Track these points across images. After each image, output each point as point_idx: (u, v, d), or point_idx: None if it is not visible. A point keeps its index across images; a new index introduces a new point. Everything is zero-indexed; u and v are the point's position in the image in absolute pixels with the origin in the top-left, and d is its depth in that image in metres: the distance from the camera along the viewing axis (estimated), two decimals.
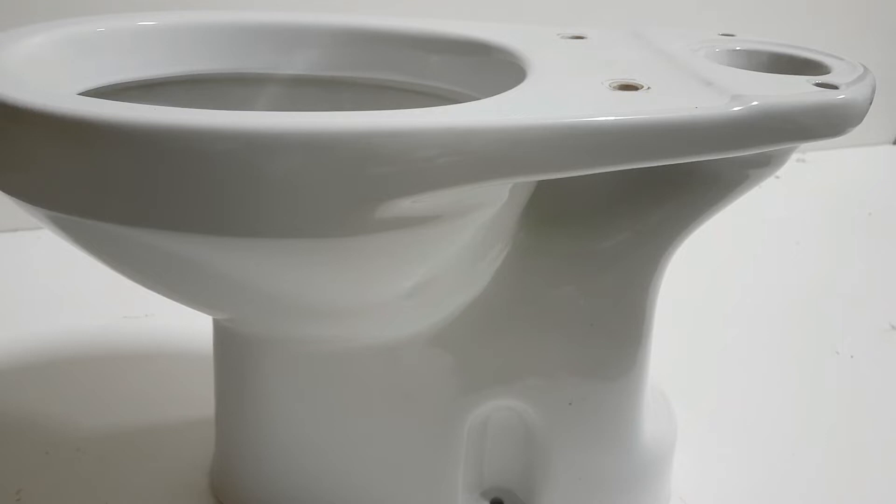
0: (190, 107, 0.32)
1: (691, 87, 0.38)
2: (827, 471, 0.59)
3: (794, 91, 0.38)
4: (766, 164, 0.43)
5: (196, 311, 0.43)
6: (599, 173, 0.37)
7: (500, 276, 0.46)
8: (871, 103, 0.39)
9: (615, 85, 0.39)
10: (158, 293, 0.40)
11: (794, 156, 1.22)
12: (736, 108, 0.36)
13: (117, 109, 0.31)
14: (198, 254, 0.34)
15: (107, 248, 0.36)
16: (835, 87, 0.38)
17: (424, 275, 0.40)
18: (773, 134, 0.37)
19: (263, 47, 0.50)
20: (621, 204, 0.45)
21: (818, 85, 0.39)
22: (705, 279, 0.87)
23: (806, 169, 1.22)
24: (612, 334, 0.46)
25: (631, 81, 0.39)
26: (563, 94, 0.38)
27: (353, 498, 0.49)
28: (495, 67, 0.46)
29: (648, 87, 0.38)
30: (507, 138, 0.33)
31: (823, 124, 0.37)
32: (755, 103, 0.36)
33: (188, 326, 0.68)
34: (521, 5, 1.01)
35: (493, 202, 0.38)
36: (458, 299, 0.45)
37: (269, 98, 0.51)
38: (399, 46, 0.50)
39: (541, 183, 0.44)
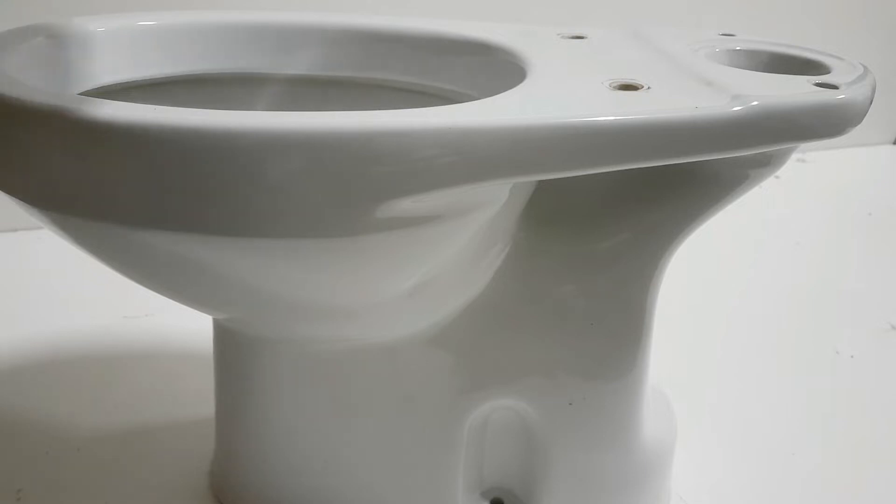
0: (190, 107, 0.32)
1: (691, 87, 0.38)
2: (827, 471, 0.59)
3: (794, 91, 0.38)
4: (766, 164, 0.43)
5: (196, 311, 0.43)
6: (599, 173, 0.37)
7: (499, 275, 0.46)
8: (871, 103, 0.39)
9: (615, 85, 0.39)
10: (158, 293, 0.40)
11: (794, 156, 1.22)
12: (736, 108, 0.36)
13: (117, 109, 0.31)
14: (197, 254, 0.34)
15: (107, 248, 0.36)
16: (835, 87, 0.38)
17: (424, 275, 0.40)
18: (773, 134, 0.37)
19: (263, 47, 0.50)
20: (621, 204, 0.45)
21: (818, 85, 0.39)
22: (705, 279, 0.87)
23: (806, 169, 1.22)
24: (612, 334, 0.46)
25: (631, 81, 0.39)
26: (564, 94, 0.38)
27: (352, 498, 0.49)
28: (495, 67, 0.46)
29: (648, 87, 0.38)
30: (507, 138, 0.33)
31: (823, 124, 0.37)
32: (755, 103, 0.36)
33: (188, 326, 0.68)
34: (521, 5, 1.01)
35: (493, 202, 0.38)
36: (458, 299, 0.45)
37: (269, 98, 0.51)
38: (399, 46, 0.50)
39: (541, 183, 0.44)
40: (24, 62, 0.39)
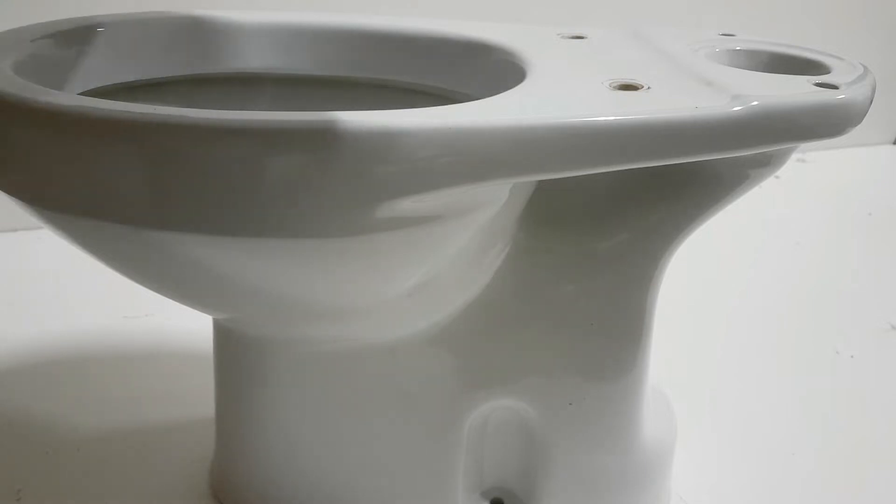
0: (190, 107, 0.32)
1: (691, 87, 0.38)
2: (826, 471, 0.59)
3: (795, 91, 0.38)
4: (766, 164, 0.43)
5: (196, 311, 0.43)
6: (600, 173, 0.37)
7: (500, 275, 0.46)
8: (871, 103, 0.39)
9: (615, 85, 0.39)
10: (157, 293, 0.40)
11: (795, 156, 1.22)
12: (736, 108, 0.36)
13: (118, 109, 0.31)
14: (197, 254, 0.34)
15: (107, 248, 0.36)
16: (835, 87, 0.38)
17: (425, 274, 0.40)
18: (773, 134, 0.37)
19: (263, 47, 0.50)
20: (621, 204, 0.45)
21: (818, 85, 0.39)
22: (705, 279, 0.87)
23: (806, 169, 1.22)
24: (612, 334, 0.46)
25: (631, 81, 0.39)
26: (563, 94, 0.38)
27: (352, 498, 0.49)
28: (495, 67, 0.46)
29: (648, 87, 0.38)
30: (507, 138, 0.33)
31: (824, 124, 0.37)
32: (755, 103, 0.36)
33: (188, 326, 0.68)
34: (521, 5, 1.01)
35: (494, 202, 0.38)
36: (458, 298, 0.45)
37: (269, 98, 0.51)
38: (399, 46, 0.50)
39: (541, 183, 0.44)
40: (24, 62, 0.39)
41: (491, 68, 0.47)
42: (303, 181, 0.31)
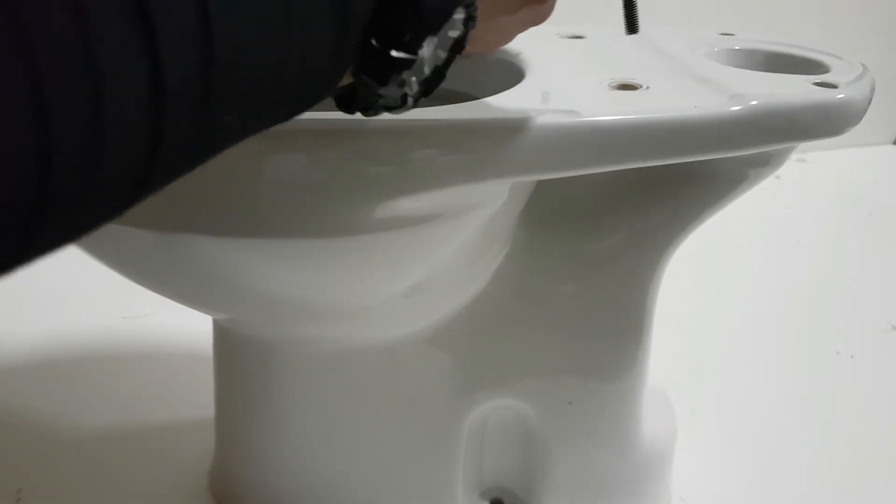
0: None
1: (690, 87, 0.38)
2: (827, 471, 0.59)
3: (793, 90, 0.38)
4: (765, 163, 0.43)
5: (196, 311, 0.43)
6: (599, 173, 0.37)
7: (499, 275, 0.46)
8: (870, 102, 0.39)
9: (614, 84, 0.38)
10: (156, 292, 0.40)
11: (795, 156, 1.22)
12: (735, 108, 0.36)
13: None
14: (193, 253, 0.34)
15: (106, 248, 0.36)
16: (834, 87, 0.38)
17: (424, 274, 0.40)
18: (772, 133, 0.37)
19: None
20: (621, 203, 0.45)
21: (817, 84, 0.39)
22: (706, 279, 0.86)
23: (806, 169, 1.22)
24: (612, 334, 0.46)
25: (630, 81, 0.39)
26: (562, 93, 0.38)
27: (352, 498, 0.49)
28: (494, 67, 0.46)
29: (647, 87, 0.38)
30: (506, 138, 0.33)
31: (822, 123, 0.37)
32: (754, 102, 0.36)
33: (188, 326, 0.68)
34: None
35: (493, 201, 0.38)
36: (457, 298, 0.45)
37: None
38: None
39: (541, 183, 0.44)
40: None
41: (489, 68, 0.47)
42: (301, 181, 0.31)
